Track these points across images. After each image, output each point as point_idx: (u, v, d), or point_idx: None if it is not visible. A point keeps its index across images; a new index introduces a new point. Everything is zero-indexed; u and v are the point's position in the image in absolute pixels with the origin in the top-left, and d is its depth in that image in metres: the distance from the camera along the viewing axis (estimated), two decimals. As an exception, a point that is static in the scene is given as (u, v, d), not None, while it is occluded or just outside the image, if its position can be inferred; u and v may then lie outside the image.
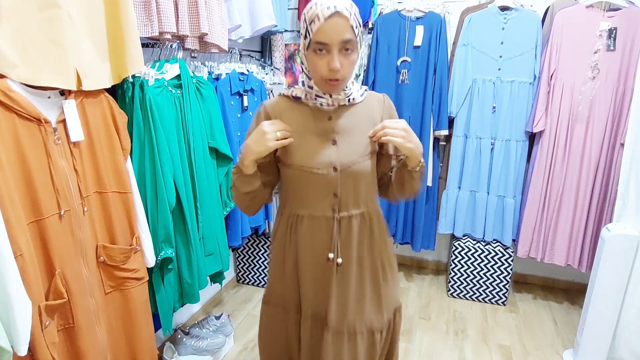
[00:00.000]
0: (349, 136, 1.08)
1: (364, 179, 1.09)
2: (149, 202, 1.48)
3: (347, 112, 1.09)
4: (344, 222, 1.10)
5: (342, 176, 1.07)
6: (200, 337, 1.99)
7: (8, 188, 0.98)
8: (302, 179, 1.08)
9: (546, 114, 2.30)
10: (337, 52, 0.94)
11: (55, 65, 1.10)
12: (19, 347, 1.00)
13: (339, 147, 1.07)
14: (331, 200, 1.08)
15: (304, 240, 1.12)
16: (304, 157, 1.07)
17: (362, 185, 1.10)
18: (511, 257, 2.52)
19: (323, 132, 1.08)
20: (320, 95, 1.05)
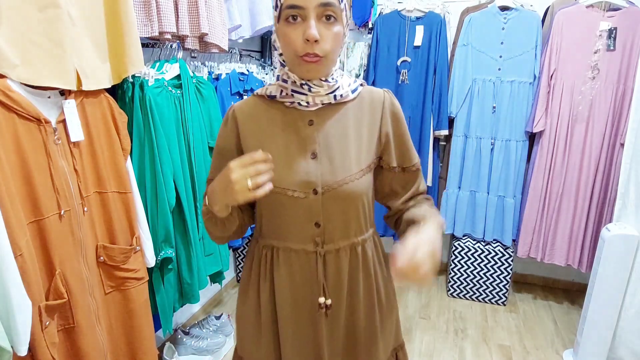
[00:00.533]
0: (335, 147, 0.84)
1: (355, 203, 0.85)
2: (149, 202, 1.48)
3: (333, 115, 0.85)
4: (329, 258, 0.86)
5: (326, 200, 0.83)
6: (200, 337, 1.99)
7: (8, 188, 0.98)
8: (274, 203, 0.84)
9: (546, 114, 2.30)
10: (314, 18, 0.74)
11: (55, 65, 1.10)
12: (19, 347, 1.00)
13: (320, 161, 0.83)
14: (312, 231, 0.85)
15: (282, 280, 0.88)
16: (275, 174, 0.79)
17: (352, 211, 0.86)
18: (511, 257, 2.52)
19: (301, 142, 0.84)
20: (297, 90, 0.82)
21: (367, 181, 0.87)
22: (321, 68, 0.78)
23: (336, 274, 0.87)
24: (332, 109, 0.86)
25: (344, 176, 0.83)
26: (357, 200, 0.85)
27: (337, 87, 0.84)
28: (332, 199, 0.83)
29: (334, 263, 0.87)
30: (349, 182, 0.83)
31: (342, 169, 0.83)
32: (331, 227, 0.85)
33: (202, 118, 1.72)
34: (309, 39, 0.73)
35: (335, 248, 0.86)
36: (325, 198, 0.83)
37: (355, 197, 0.84)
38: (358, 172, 0.84)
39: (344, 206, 0.85)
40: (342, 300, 0.89)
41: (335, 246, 0.86)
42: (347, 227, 0.87)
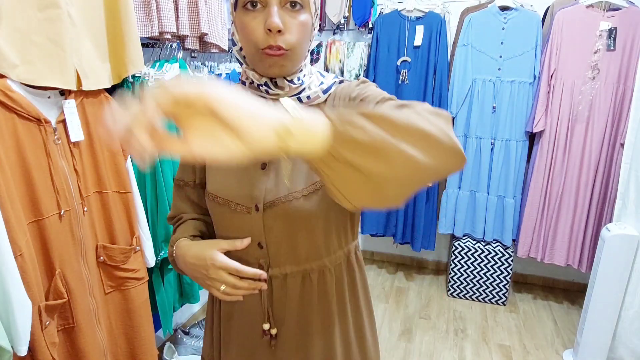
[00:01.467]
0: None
1: (304, 225, 0.71)
2: (149, 202, 1.48)
3: None
4: (276, 283, 0.75)
5: (267, 219, 0.71)
6: (200, 337, 1.99)
7: (8, 188, 0.98)
8: (218, 215, 0.76)
9: (546, 114, 2.30)
10: (277, 4, 0.63)
11: (55, 65, 1.10)
12: (19, 347, 1.00)
13: (267, 173, 0.72)
14: (256, 252, 0.74)
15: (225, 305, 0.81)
16: (220, 183, 0.74)
17: (302, 234, 0.72)
18: (511, 257, 2.52)
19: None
20: (258, 93, 0.71)
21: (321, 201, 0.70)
22: (286, 63, 0.67)
23: (283, 302, 0.76)
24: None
25: (287, 191, 0.69)
26: (305, 222, 0.71)
27: (302, 89, 0.71)
28: (273, 217, 0.71)
29: (281, 290, 0.75)
30: (293, 199, 0.69)
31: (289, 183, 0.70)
32: (275, 249, 0.73)
33: (202, 118, 1.72)
34: (271, 28, 0.62)
35: (282, 273, 0.75)
36: (266, 216, 0.71)
37: (303, 218, 0.70)
38: (308, 187, 0.69)
39: (290, 228, 0.71)
40: (290, 332, 0.77)
41: (281, 271, 0.74)
42: (294, 251, 0.74)
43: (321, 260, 0.76)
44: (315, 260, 0.75)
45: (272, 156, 0.61)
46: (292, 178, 0.70)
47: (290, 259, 0.74)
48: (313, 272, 0.76)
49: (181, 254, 0.74)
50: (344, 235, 0.78)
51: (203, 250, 0.70)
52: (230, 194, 0.72)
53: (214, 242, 0.72)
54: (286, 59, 0.66)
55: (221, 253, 0.69)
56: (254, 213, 0.71)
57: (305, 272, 0.75)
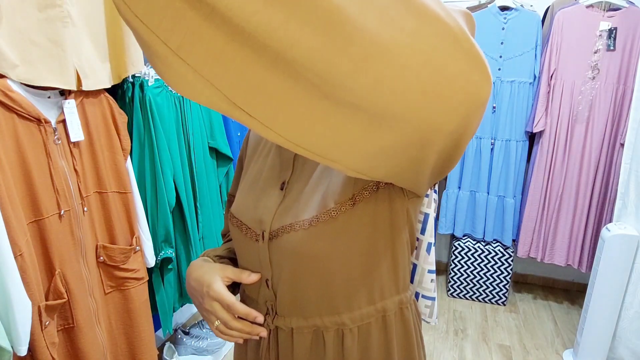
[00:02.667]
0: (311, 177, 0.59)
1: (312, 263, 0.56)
2: (149, 202, 1.48)
3: None
4: (283, 337, 0.61)
5: (273, 253, 0.58)
6: (200, 337, 1.99)
7: (8, 188, 0.98)
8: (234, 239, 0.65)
9: (546, 114, 2.30)
10: None
11: (55, 65, 1.10)
12: (19, 347, 1.00)
13: (287, 194, 0.59)
14: (264, 292, 0.61)
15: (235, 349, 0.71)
16: (240, 202, 0.64)
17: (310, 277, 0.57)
18: (511, 257, 2.52)
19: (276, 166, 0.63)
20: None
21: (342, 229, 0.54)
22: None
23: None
24: None
25: (293, 219, 0.56)
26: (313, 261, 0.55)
27: None
28: (279, 251, 0.57)
29: (288, 347, 0.60)
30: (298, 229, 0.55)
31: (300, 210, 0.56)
32: (282, 294, 0.59)
33: (202, 118, 1.72)
34: None
35: (288, 327, 0.60)
36: (272, 247, 0.58)
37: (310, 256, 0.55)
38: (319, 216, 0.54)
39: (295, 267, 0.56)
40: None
41: (287, 324, 0.60)
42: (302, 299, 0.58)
43: (338, 317, 0.58)
44: (328, 315, 0.58)
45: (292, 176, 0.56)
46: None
47: (298, 309, 0.59)
48: (327, 330, 0.59)
49: (189, 273, 0.64)
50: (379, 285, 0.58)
51: (205, 274, 0.60)
52: (244, 216, 0.61)
53: (221, 268, 0.61)
54: None
55: (221, 281, 0.58)
56: (260, 242, 0.59)
57: (317, 329, 0.59)
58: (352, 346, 0.58)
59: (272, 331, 0.61)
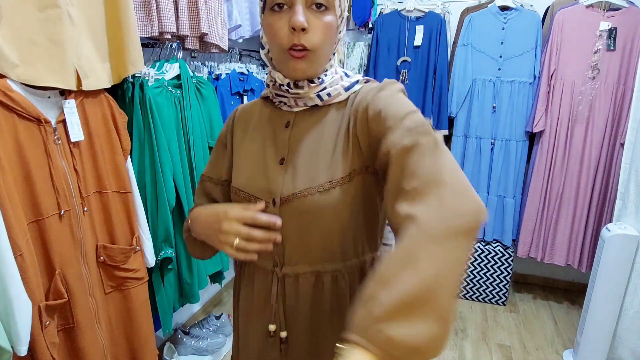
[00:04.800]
0: (304, 154, 0.71)
1: (319, 221, 0.69)
2: (149, 202, 1.48)
3: (313, 117, 0.73)
4: (289, 283, 0.73)
5: (284, 214, 0.70)
6: (200, 337, 1.99)
7: (8, 188, 0.98)
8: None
9: (546, 114, 2.30)
10: (302, 4, 0.64)
11: (55, 65, 1.10)
12: (19, 347, 1.00)
13: (285, 168, 0.72)
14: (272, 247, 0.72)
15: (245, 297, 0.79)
16: (242, 178, 0.75)
17: (315, 232, 0.70)
18: (511, 257, 2.52)
19: (275, 145, 0.75)
20: (280, 92, 0.73)
21: (341, 197, 0.68)
22: (309, 66, 0.67)
23: (295, 303, 0.73)
24: (316, 112, 0.73)
25: (306, 186, 0.68)
26: (321, 217, 0.69)
27: (323, 87, 0.71)
28: (290, 212, 0.70)
29: (293, 290, 0.73)
30: (311, 194, 0.68)
31: (306, 178, 0.69)
32: (290, 246, 0.72)
33: (202, 118, 1.72)
34: (295, 27, 0.63)
35: (295, 273, 0.72)
36: (283, 210, 0.70)
37: (318, 213, 0.68)
38: (326, 184, 0.68)
39: (304, 224, 0.70)
40: (301, 336, 0.74)
41: (293, 270, 0.72)
42: (308, 250, 0.71)
43: (336, 264, 0.72)
44: (328, 262, 0.72)
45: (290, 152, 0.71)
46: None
47: (303, 258, 0.72)
48: (326, 275, 0.72)
49: (196, 217, 0.76)
50: (361, 243, 0.73)
51: (217, 207, 0.72)
52: (251, 188, 0.73)
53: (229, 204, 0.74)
54: (308, 61, 0.67)
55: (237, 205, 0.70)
56: (271, 207, 0.71)
57: (318, 274, 0.72)
58: (345, 288, 0.73)
59: (279, 279, 0.73)
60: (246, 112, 0.82)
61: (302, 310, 0.73)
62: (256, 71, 2.22)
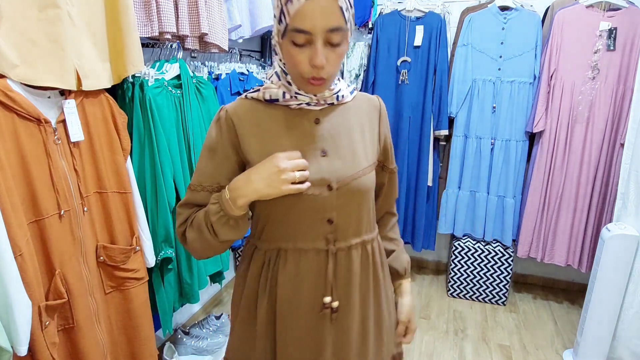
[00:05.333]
0: (342, 144, 0.84)
1: (366, 197, 0.86)
2: (149, 202, 1.48)
3: (336, 114, 0.86)
4: (341, 256, 0.84)
5: (340, 196, 0.81)
6: (200, 337, 1.99)
7: (8, 188, 0.98)
8: (285, 204, 0.81)
9: (546, 114, 2.30)
10: (321, 44, 0.71)
11: (55, 65, 1.10)
12: (19, 347, 1.00)
13: (330, 158, 0.82)
14: (325, 228, 0.82)
15: (287, 282, 0.84)
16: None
17: (365, 206, 0.86)
18: (511, 257, 2.52)
19: (309, 139, 0.83)
20: (300, 92, 0.81)
21: (374, 177, 0.88)
22: (325, 87, 0.80)
23: (347, 274, 0.85)
24: (335, 109, 0.86)
25: (356, 171, 0.83)
26: (368, 194, 0.86)
27: (338, 90, 0.85)
28: (346, 194, 0.82)
29: (346, 262, 0.84)
30: (361, 176, 0.84)
31: (353, 164, 0.83)
32: (344, 223, 0.84)
33: (202, 118, 1.72)
34: (316, 66, 0.72)
35: (347, 245, 0.84)
36: (339, 194, 0.82)
37: (367, 190, 0.86)
38: (367, 167, 0.85)
39: (358, 201, 0.84)
40: (352, 302, 0.85)
41: (347, 244, 0.84)
42: (359, 223, 0.86)
43: (372, 233, 0.90)
44: (369, 232, 0.89)
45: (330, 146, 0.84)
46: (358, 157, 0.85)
47: (355, 231, 0.85)
48: (368, 243, 0.88)
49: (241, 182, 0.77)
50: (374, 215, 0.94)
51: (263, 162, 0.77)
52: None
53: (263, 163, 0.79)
54: (326, 85, 0.79)
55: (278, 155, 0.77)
56: (325, 193, 0.81)
57: (363, 243, 0.87)
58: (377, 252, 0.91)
59: (333, 254, 0.83)
60: (244, 116, 0.84)
61: (352, 279, 0.85)
62: (256, 71, 2.22)
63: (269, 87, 0.83)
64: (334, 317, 0.84)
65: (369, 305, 0.88)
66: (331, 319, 0.84)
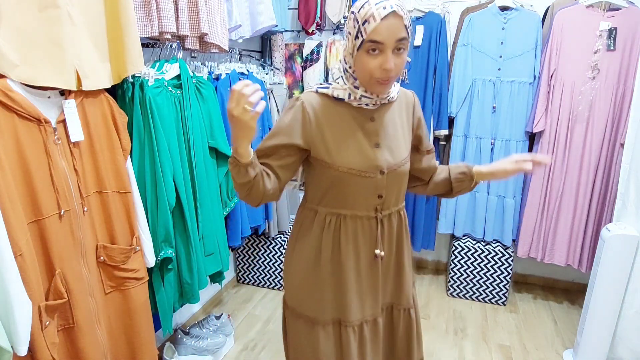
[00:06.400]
0: (391, 137, 1.09)
1: (405, 178, 1.14)
2: (149, 202, 1.48)
3: (386, 112, 1.09)
4: (385, 220, 1.13)
5: (389, 178, 1.08)
6: (200, 337, 1.99)
7: (8, 188, 0.98)
8: (346, 181, 1.06)
9: (546, 114, 2.30)
10: (391, 52, 0.93)
11: (55, 65, 1.10)
12: (19, 347, 1.00)
13: (382, 149, 1.07)
14: (375, 201, 1.10)
15: (348, 240, 1.10)
16: (349, 160, 1.05)
17: (403, 185, 1.14)
18: (511, 257, 2.52)
19: (366, 134, 1.07)
20: (365, 95, 1.03)
21: (409, 165, 1.15)
22: (389, 87, 1.02)
23: (389, 232, 1.15)
24: (385, 108, 1.10)
25: (400, 160, 1.10)
26: (406, 176, 1.14)
27: (391, 92, 1.08)
28: (392, 177, 1.09)
29: (388, 224, 1.14)
30: (404, 164, 1.11)
31: (398, 154, 1.09)
32: (389, 198, 1.11)
33: (202, 118, 1.72)
34: (386, 69, 0.94)
35: (389, 213, 1.13)
36: (388, 177, 1.08)
37: (406, 174, 1.13)
38: (406, 157, 1.12)
39: (399, 181, 1.12)
40: (392, 250, 1.17)
41: (389, 212, 1.13)
42: (398, 197, 1.14)
43: (403, 202, 1.19)
44: (401, 203, 1.18)
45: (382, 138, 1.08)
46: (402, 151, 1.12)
47: (395, 203, 1.14)
48: (401, 210, 1.18)
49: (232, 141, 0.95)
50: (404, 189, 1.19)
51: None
52: (361, 167, 1.05)
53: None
54: (390, 84, 1.01)
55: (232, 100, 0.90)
56: (379, 176, 1.07)
57: (399, 210, 1.17)
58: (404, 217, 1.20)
59: (380, 220, 1.12)
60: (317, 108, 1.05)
61: (392, 235, 1.16)
62: (256, 71, 2.22)
63: (336, 87, 1.05)
64: (382, 264, 1.15)
65: (402, 253, 1.19)
66: (378, 264, 1.14)
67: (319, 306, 1.13)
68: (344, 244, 1.10)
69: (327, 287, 1.12)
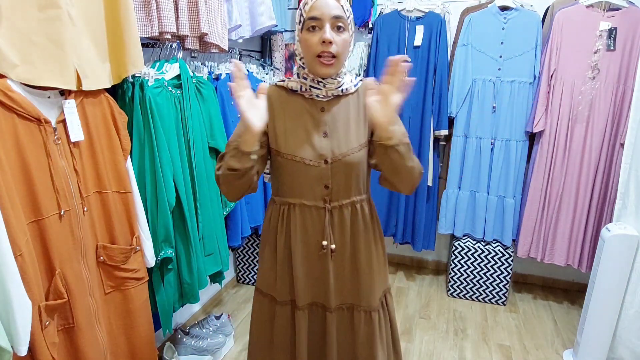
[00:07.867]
0: (340, 128, 1.10)
1: (355, 170, 1.11)
2: (149, 202, 1.48)
3: (339, 103, 1.11)
4: (335, 212, 1.13)
5: (333, 168, 1.09)
6: (200, 337, 1.99)
7: (8, 188, 0.98)
8: (293, 169, 1.10)
9: (546, 114, 2.30)
10: (329, 27, 0.99)
11: (55, 65, 1.10)
12: (19, 347, 1.00)
13: (330, 139, 1.09)
14: (322, 191, 1.11)
15: (296, 229, 1.14)
16: (295, 148, 1.08)
17: (353, 177, 1.12)
18: (511, 257, 2.52)
19: (315, 124, 1.10)
20: (315, 85, 1.07)
21: (363, 154, 1.12)
22: (333, 68, 1.03)
23: (340, 224, 1.14)
24: (338, 100, 1.11)
25: (346, 150, 1.09)
26: (356, 167, 1.11)
27: (342, 83, 1.09)
28: (338, 167, 1.09)
29: (339, 216, 1.13)
30: (350, 154, 1.09)
31: (345, 144, 1.09)
32: (336, 188, 1.11)
33: (202, 118, 1.72)
34: (325, 40, 0.98)
35: (339, 205, 1.12)
36: (332, 167, 1.09)
37: (355, 165, 1.10)
38: (357, 147, 1.10)
39: (347, 172, 1.10)
40: (345, 245, 1.15)
41: (339, 203, 1.12)
42: (348, 189, 1.12)
43: (361, 196, 1.16)
44: (358, 195, 1.15)
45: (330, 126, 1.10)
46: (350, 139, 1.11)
47: (345, 194, 1.13)
48: (357, 203, 1.15)
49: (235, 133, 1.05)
50: (364, 183, 1.17)
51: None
52: (305, 155, 1.08)
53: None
54: (335, 64, 1.03)
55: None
56: (322, 165, 1.08)
57: (352, 203, 1.14)
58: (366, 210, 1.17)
59: (329, 211, 1.12)
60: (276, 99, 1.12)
61: (345, 229, 1.14)
62: (256, 71, 2.22)
63: (292, 80, 1.11)
64: (333, 257, 1.15)
65: (358, 249, 1.16)
66: (331, 257, 1.14)
67: (278, 288, 1.19)
68: (293, 233, 1.14)
69: (282, 271, 1.18)
